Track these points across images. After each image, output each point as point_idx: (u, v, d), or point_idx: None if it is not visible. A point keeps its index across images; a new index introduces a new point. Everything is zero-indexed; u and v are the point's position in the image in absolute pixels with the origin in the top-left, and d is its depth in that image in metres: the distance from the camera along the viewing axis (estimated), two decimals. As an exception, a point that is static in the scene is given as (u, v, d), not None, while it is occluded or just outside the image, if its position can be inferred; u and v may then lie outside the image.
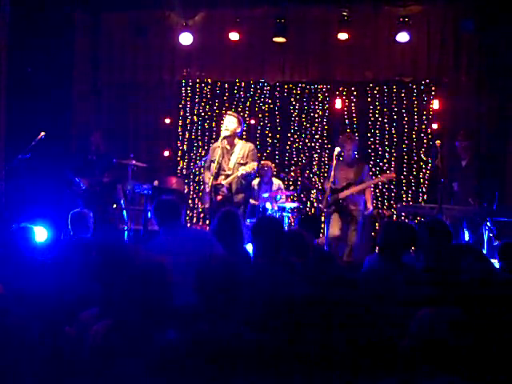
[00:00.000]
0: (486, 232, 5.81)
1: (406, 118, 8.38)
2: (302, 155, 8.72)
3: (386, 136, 8.45)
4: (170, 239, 3.67)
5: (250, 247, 4.28)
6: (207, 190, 5.84)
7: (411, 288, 3.07)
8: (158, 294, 2.37)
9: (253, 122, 8.74)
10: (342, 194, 6.48)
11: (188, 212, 8.69)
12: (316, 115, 8.69)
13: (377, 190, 8.30)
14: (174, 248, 3.52)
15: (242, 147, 5.95)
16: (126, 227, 7.11)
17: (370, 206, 6.57)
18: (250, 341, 2.27)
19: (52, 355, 2.45)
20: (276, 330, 2.56)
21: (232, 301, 2.34)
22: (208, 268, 2.44)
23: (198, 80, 8.89)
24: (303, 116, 8.73)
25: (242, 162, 5.89)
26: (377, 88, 8.45)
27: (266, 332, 2.49)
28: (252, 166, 5.82)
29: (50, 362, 2.44)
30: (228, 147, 5.90)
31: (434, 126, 8.12)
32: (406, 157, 8.38)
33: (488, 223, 5.79)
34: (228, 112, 6.24)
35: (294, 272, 3.37)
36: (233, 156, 5.90)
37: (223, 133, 5.89)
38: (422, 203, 7.00)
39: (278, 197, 7.30)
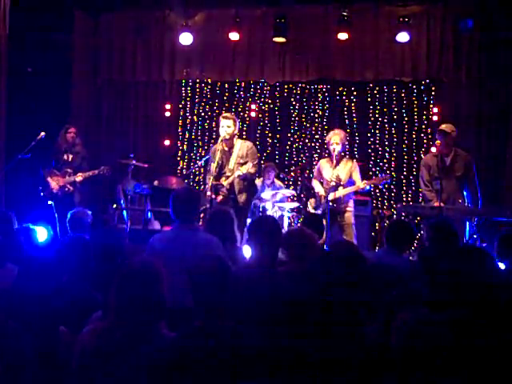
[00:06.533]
0: (467, 233, 5.74)
1: (406, 118, 8.38)
2: (301, 155, 8.73)
3: (386, 136, 8.45)
4: (179, 237, 3.62)
5: (247, 248, 4.27)
6: (207, 190, 5.82)
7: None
8: (153, 293, 2.37)
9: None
10: (331, 196, 6.03)
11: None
12: (316, 115, 8.69)
13: (377, 190, 8.30)
14: (178, 248, 3.51)
15: (241, 147, 5.91)
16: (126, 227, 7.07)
17: (360, 184, 6.10)
18: (245, 342, 2.27)
19: (49, 356, 2.45)
20: (274, 331, 2.56)
21: (225, 301, 2.34)
22: (200, 268, 2.44)
23: (197, 80, 8.89)
24: (303, 116, 8.73)
25: (241, 161, 5.83)
26: (377, 88, 8.45)
27: (263, 333, 2.49)
28: (247, 167, 5.70)
29: (46, 362, 2.43)
30: (226, 149, 5.89)
31: (434, 125, 8.12)
32: (406, 157, 8.38)
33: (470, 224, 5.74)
34: (224, 115, 6.05)
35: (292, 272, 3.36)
36: (232, 156, 5.88)
37: (222, 136, 5.85)
38: (422, 203, 6.98)
39: (279, 197, 7.30)
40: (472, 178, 5.89)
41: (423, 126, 8.31)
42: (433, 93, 8.25)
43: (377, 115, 8.46)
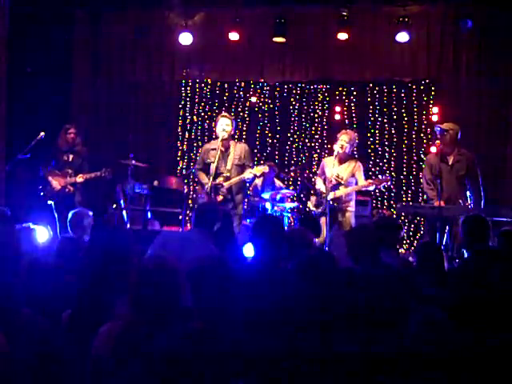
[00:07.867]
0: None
1: (405, 118, 8.39)
2: (301, 155, 8.73)
3: (386, 136, 8.46)
4: (184, 238, 3.75)
5: (249, 247, 4.28)
6: (207, 190, 5.84)
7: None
8: (169, 295, 2.36)
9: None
10: (332, 195, 5.99)
11: (187, 212, 8.68)
12: (316, 115, 8.70)
13: (376, 190, 8.29)
14: (177, 247, 3.64)
15: (238, 148, 5.97)
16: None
17: (364, 183, 6.10)
18: (249, 342, 2.27)
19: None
20: (277, 331, 2.56)
21: (227, 300, 2.34)
22: (201, 267, 2.44)
23: (197, 80, 8.89)
24: (303, 116, 8.74)
25: (239, 163, 5.91)
26: (377, 88, 8.46)
27: (266, 333, 2.49)
28: (261, 169, 5.89)
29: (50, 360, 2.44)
30: (223, 149, 5.92)
31: (434, 125, 8.11)
32: (405, 157, 8.38)
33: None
34: (223, 114, 6.11)
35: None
36: (229, 157, 5.92)
37: (221, 135, 5.88)
38: (422, 203, 6.98)
39: (279, 197, 7.30)
40: (475, 177, 5.83)
41: (423, 126, 8.31)
42: (432, 93, 8.26)
43: (376, 115, 8.47)
